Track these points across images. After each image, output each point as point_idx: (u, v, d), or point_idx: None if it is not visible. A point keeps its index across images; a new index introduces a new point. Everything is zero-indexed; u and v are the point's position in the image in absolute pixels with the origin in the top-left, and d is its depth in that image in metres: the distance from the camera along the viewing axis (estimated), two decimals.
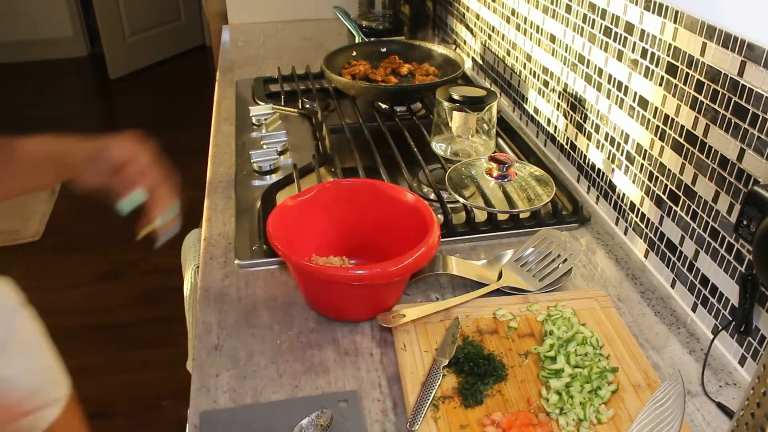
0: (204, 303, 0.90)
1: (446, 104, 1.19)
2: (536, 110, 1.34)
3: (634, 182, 1.00)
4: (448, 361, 0.76)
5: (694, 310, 0.87)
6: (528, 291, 0.89)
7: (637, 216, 1.00)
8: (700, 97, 0.82)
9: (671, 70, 0.87)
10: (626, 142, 1.01)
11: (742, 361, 0.79)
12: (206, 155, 1.31)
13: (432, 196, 1.11)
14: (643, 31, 0.93)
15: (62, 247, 2.76)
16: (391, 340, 0.83)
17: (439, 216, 0.97)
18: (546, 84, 1.28)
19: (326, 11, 2.16)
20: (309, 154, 1.26)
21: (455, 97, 1.18)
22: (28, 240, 2.79)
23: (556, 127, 1.25)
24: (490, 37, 1.57)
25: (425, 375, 0.74)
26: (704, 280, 0.84)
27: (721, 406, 0.75)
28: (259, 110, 1.42)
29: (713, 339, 0.82)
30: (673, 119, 0.88)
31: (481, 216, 1.05)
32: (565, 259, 0.92)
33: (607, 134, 1.06)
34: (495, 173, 1.07)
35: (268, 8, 2.19)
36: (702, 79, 0.81)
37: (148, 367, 2.11)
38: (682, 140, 0.87)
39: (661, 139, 0.91)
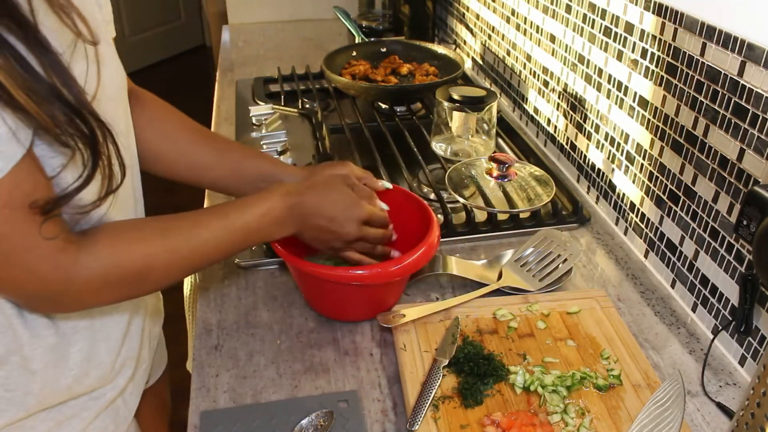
0: (204, 303, 0.90)
1: (446, 104, 1.19)
2: (536, 110, 1.34)
3: (634, 182, 1.00)
4: (448, 361, 0.76)
5: (694, 310, 0.87)
6: (528, 291, 0.89)
7: (637, 216, 1.00)
8: (700, 97, 0.82)
9: (671, 70, 0.87)
10: (626, 142, 1.01)
11: (742, 361, 0.79)
12: None
13: (432, 196, 1.11)
14: (643, 31, 0.93)
15: None
16: (391, 340, 0.83)
17: (439, 216, 0.97)
18: (546, 84, 1.28)
19: (326, 11, 2.16)
20: (309, 154, 1.26)
21: (455, 97, 1.18)
22: None
23: (556, 127, 1.25)
24: (490, 37, 1.57)
25: (425, 375, 0.74)
26: (704, 280, 0.84)
27: (721, 406, 0.75)
28: (259, 110, 1.42)
29: (713, 339, 0.82)
30: (673, 119, 0.88)
31: (481, 216, 1.05)
32: (565, 259, 0.92)
33: (607, 134, 1.06)
34: (495, 173, 1.07)
35: (268, 8, 2.19)
36: (702, 79, 0.81)
37: None
38: (682, 140, 0.87)
39: (661, 139, 0.91)
